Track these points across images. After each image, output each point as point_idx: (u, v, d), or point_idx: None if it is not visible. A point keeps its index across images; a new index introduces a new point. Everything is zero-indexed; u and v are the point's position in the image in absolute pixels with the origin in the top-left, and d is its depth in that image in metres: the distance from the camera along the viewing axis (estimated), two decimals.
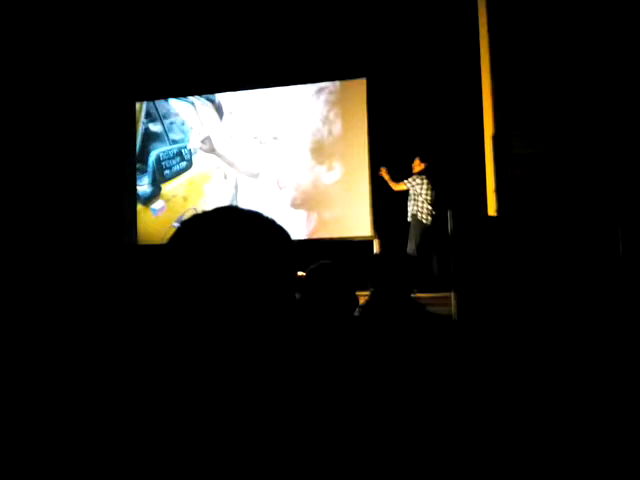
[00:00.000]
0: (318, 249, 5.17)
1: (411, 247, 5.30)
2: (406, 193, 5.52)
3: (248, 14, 6.06)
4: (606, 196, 3.57)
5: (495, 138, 4.22)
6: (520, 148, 4.09)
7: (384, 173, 5.62)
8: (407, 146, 5.70)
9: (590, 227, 3.23)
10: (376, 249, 5.81)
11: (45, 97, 6.17)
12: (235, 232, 0.67)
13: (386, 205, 5.76)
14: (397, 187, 5.55)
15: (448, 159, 5.58)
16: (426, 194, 5.33)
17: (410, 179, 5.42)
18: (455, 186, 5.46)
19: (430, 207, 5.34)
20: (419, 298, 3.55)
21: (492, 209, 4.05)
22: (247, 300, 0.65)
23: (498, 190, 3.99)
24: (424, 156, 5.47)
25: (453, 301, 3.61)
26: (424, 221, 5.33)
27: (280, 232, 0.70)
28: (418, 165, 5.43)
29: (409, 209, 5.44)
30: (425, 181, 5.36)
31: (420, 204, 5.36)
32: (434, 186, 5.39)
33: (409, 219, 5.44)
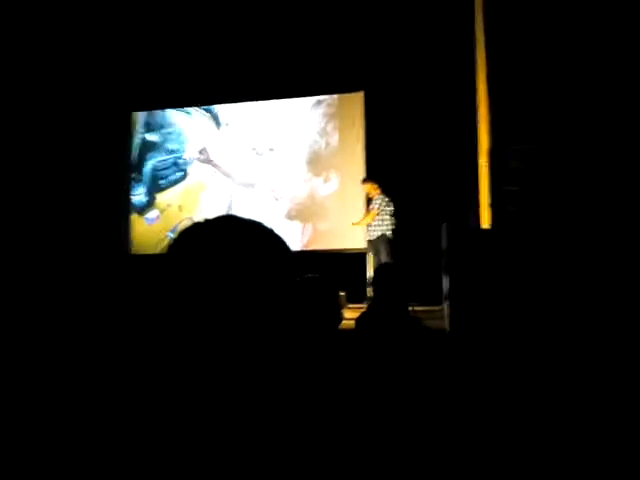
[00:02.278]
0: (311, 261, 5.18)
1: (382, 260, 5.27)
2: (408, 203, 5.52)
3: (247, 27, 6.12)
4: (603, 209, 3.60)
5: (491, 152, 4.26)
6: (516, 162, 4.13)
7: (358, 223, 5.59)
8: (403, 159, 5.74)
9: (586, 240, 3.25)
10: (369, 262, 5.81)
11: (42, 107, 6.18)
12: (235, 241, 0.68)
13: None
14: (372, 217, 5.44)
15: (442, 172, 5.61)
16: (390, 212, 5.36)
17: (375, 203, 5.38)
18: (447, 199, 5.49)
19: (391, 222, 5.38)
20: (414, 311, 3.55)
21: (486, 222, 4.07)
22: (246, 308, 0.65)
23: (493, 204, 4.02)
24: (369, 177, 5.56)
25: (445, 314, 3.61)
26: (389, 236, 5.36)
27: (279, 241, 0.71)
28: (375, 189, 5.42)
29: (373, 229, 5.40)
30: (385, 201, 5.36)
31: (387, 223, 5.36)
32: (390, 200, 5.42)
33: (371, 238, 5.41)
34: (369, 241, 5.50)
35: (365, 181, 5.56)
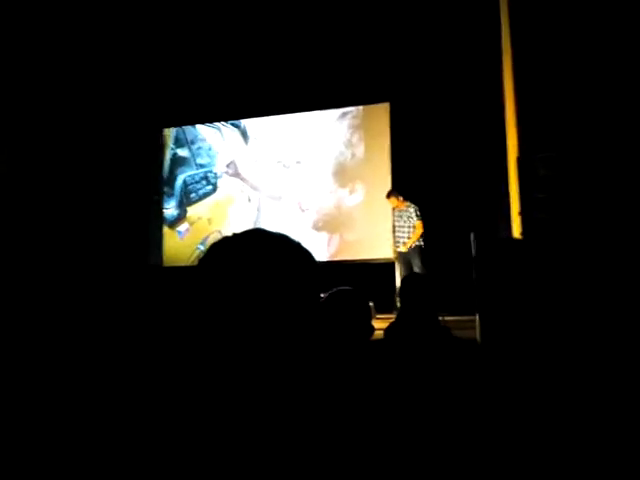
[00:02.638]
0: (339, 271, 5.18)
1: (416, 271, 5.24)
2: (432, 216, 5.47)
3: (273, 42, 6.23)
4: (635, 220, 3.50)
5: (519, 160, 4.20)
6: (545, 170, 4.06)
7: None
8: (429, 169, 5.71)
9: (617, 250, 3.17)
10: (397, 272, 5.77)
11: (77, 124, 6.41)
12: (263, 254, 0.69)
13: None
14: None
15: (470, 181, 5.56)
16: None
17: (413, 214, 5.35)
18: (477, 209, 5.42)
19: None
20: (445, 321, 3.51)
21: (517, 231, 4.00)
22: (273, 320, 0.66)
23: (523, 212, 3.95)
24: (391, 191, 5.50)
25: (478, 325, 3.56)
26: (422, 247, 5.33)
27: (306, 255, 0.72)
28: (401, 202, 5.39)
29: (404, 239, 5.36)
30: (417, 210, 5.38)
31: (412, 231, 5.34)
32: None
33: (405, 249, 5.36)
34: (400, 252, 5.46)
35: (389, 195, 5.48)
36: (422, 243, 5.35)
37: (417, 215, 5.33)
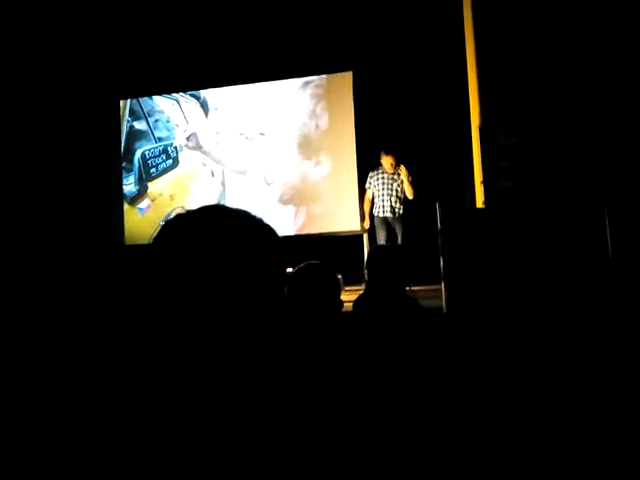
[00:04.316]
0: (307, 244, 5.17)
1: (399, 241, 5.28)
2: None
3: (232, 9, 6.00)
4: (594, 186, 3.59)
5: (481, 129, 4.23)
6: (505, 139, 4.11)
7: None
8: (394, 139, 5.70)
9: (578, 218, 3.26)
10: (366, 243, 5.80)
11: (29, 96, 6.08)
12: (221, 231, 0.66)
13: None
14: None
15: (435, 152, 5.59)
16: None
17: (407, 176, 5.35)
18: (442, 179, 5.47)
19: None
20: (412, 291, 3.56)
21: (479, 200, 4.06)
22: (234, 298, 0.64)
23: (485, 181, 4.01)
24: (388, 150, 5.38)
25: (444, 294, 3.63)
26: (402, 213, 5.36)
27: (267, 230, 0.70)
28: (395, 161, 5.34)
29: (393, 205, 5.35)
30: None
31: (402, 197, 5.36)
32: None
33: (388, 215, 5.35)
34: (383, 218, 5.38)
35: (389, 153, 5.31)
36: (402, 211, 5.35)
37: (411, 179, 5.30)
